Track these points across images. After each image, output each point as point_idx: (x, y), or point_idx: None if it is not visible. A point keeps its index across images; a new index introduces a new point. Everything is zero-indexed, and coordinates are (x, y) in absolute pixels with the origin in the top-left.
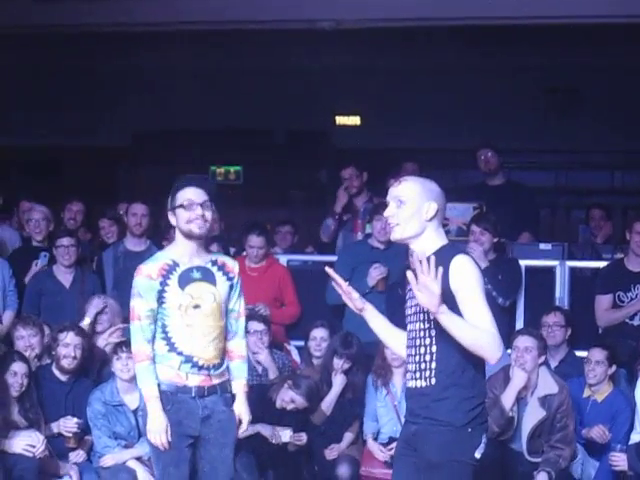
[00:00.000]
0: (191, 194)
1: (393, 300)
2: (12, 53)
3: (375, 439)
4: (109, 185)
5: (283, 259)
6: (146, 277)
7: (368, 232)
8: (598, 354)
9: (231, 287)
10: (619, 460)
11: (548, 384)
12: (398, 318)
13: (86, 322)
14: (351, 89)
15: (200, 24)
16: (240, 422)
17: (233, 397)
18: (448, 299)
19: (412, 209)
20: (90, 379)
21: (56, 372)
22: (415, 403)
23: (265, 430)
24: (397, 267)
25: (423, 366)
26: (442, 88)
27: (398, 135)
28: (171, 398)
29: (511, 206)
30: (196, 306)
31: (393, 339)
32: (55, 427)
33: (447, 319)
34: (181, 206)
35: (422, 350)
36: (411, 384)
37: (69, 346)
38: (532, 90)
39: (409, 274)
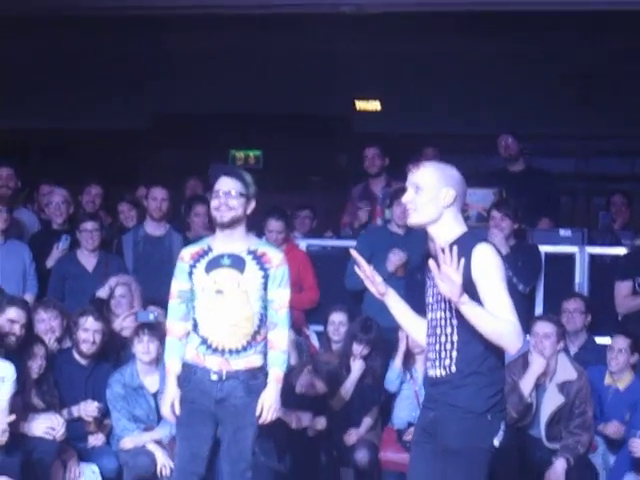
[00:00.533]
0: (219, 184)
1: (412, 285)
2: (30, 36)
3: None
4: (128, 169)
5: (302, 244)
6: (180, 259)
7: (387, 218)
8: (622, 342)
9: (265, 277)
10: (638, 447)
11: (567, 370)
12: (417, 303)
13: (103, 293)
14: (371, 74)
15: (221, 8)
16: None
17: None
18: (469, 288)
19: (429, 195)
20: (110, 363)
21: (76, 356)
22: (435, 390)
23: (285, 415)
24: (417, 252)
25: (444, 354)
26: (462, 74)
27: (418, 120)
28: (190, 377)
29: (531, 192)
30: (218, 291)
31: (413, 327)
32: (75, 411)
33: (468, 309)
34: (211, 194)
35: (443, 339)
36: (431, 372)
37: (88, 331)
38: (553, 76)
39: (431, 263)
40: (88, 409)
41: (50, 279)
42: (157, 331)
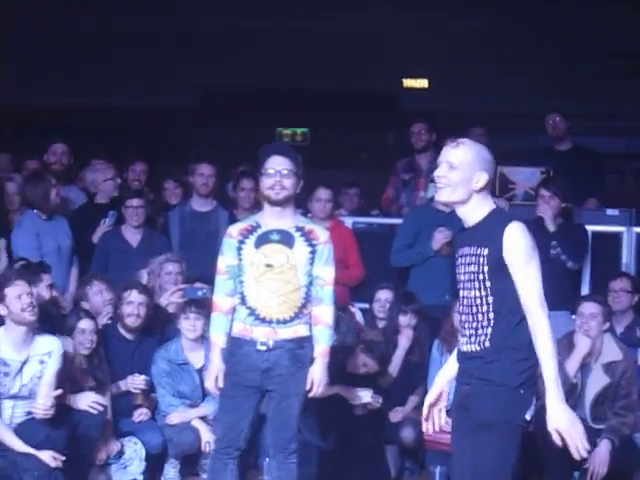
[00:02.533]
0: (273, 162)
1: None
2: (77, 12)
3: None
4: (175, 146)
5: (348, 221)
6: (228, 236)
7: (430, 193)
8: None
9: (313, 253)
10: None
11: (612, 351)
12: None
13: (142, 278)
14: (419, 52)
15: None
16: (312, 385)
17: (313, 360)
18: (500, 266)
19: (463, 175)
20: (155, 337)
21: (122, 330)
22: (469, 364)
23: (346, 392)
24: None
25: (480, 331)
26: (510, 52)
27: (465, 99)
28: (236, 350)
29: (578, 171)
30: (268, 265)
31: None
32: (123, 385)
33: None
34: (263, 173)
35: (480, 317)
36: (466, 348)
37: (133, 304)
38: (601, 54)
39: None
40: (135, 381)
41: (94, 254)
42: (204, 308)
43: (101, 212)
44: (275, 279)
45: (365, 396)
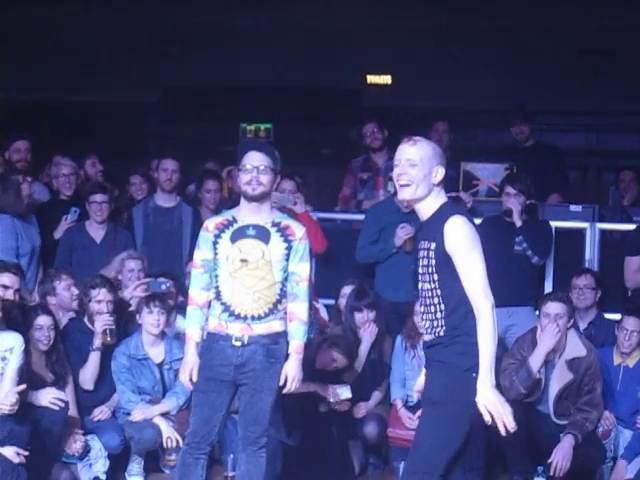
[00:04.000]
0: (250, 158)
1: None
2: (42, 7)
3: (405, 403)
4: (140, 142)
5: (313, 217)
6: (205, 229)
7: (389, 190)
8: (633, 323)
9: (289, 249)
10: None
11: (576, 347)
12: None
13: (108, 272)
14: (383, 48)
15: None
16: (286, 380)
17: (287, 355)
18: (445, 259)
19: (423, 171)
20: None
21: (88, 324)
22: (429, 351)
23: (322, 389)
24: None
25: (435, 323)
26: (474, 48)
27: (429, 94)
28: (211, 345)
29: (541, 167)
30: (243, 260)
31: None
32: (98, 326)
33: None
34: (240, 169)
35: (432, 309)
36: (426, 337)
37: (102, 302)
38: (564, 51)
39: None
40: (105, 319)
41: (58, 249)
42: (167, 303)
43: (65, 208)
44: (250, 275)
45: (344, 392)
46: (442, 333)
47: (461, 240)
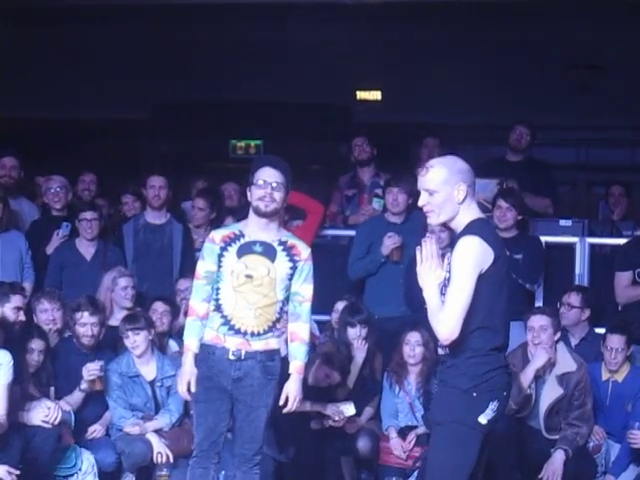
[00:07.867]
0: (263, 173)
1: (412, 274)
2: (31, 27)
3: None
4: (131, 159)
5: None
6: (211, 241)
7: (374, 207)
8: (618, 341)
9: (293, 269)
10: (637, 438)
11: (567, 362)
12: (415, 293)
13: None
14: (372, 64)
15: None
16: (287, 400)
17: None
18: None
19: (443, 196)
20: (110, 350)
21: (78, 345)
22: (440, 368)
23: (324, 409)
24: (415, 241)
25: None
26: (463, 63)
27: (418, 111)
28: (208, 356)
29: (530, 182)
30: (248, 275)
31: None
32: (81, 384)
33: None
34: (254, 184)
35: None
36: (439, 351)
37: (86, 325)
38: (553, 66)
39: (417, 253)
40: (90, 369)
41: (48, 267)
42: (140, 322)
43: (56, 224)
44: (254, 291)
45: (349, 409)
46: (448, 350)
47: (461, 259)
